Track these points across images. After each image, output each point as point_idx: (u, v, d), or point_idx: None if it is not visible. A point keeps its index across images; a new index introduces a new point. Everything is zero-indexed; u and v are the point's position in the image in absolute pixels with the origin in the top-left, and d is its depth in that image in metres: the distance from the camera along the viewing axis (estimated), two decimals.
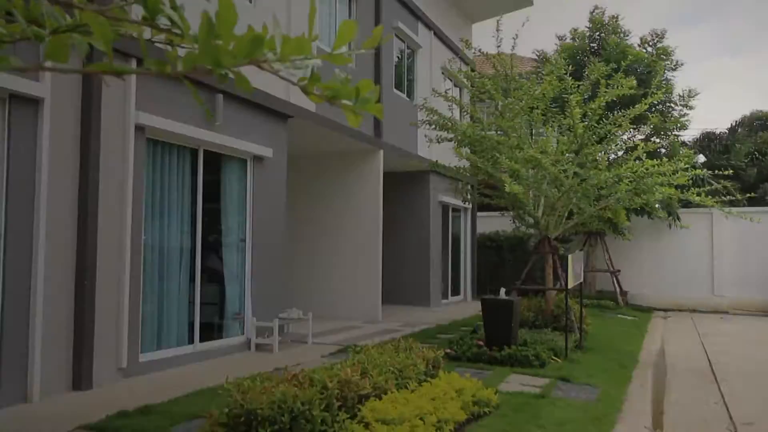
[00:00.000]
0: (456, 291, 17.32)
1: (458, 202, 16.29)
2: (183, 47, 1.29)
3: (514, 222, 12.03)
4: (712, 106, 53.52)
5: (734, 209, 10.27)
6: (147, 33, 1.31)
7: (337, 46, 0.97)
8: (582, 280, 10.04)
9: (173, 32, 1.27)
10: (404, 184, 15.36)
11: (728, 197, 10.93)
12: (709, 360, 9.39)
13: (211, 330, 8.31)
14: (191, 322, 7.85)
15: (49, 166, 5.84)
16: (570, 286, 8.71)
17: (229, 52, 0.89)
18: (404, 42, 14.32)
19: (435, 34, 15.70)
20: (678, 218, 16.69)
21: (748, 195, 14.90)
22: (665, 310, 16.95)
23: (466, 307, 15.83)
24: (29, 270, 5.68)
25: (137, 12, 1.31)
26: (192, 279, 7.88)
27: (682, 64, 17.35)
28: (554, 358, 8.15)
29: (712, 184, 15.68)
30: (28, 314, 5.65)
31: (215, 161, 8.34)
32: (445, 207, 16.41)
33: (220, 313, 8.56)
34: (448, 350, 8.10)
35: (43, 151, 5.75)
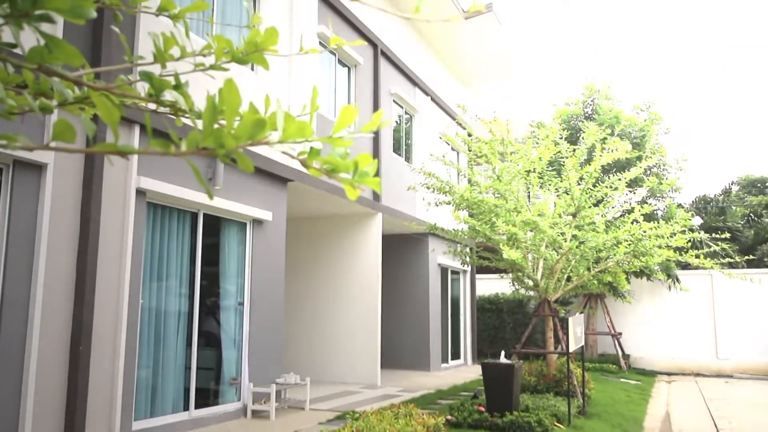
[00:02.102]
0: (456, 355, 17.07)
1: (457, 265, 16.27)
2: (186, 117, 1.32)
3: (513, 284, 11.99)
4: (704, 168, 54.24)
5: (734, 271, 10.26)
6: (151, 104, 1.35)
7: (336, 130, 1.00)
8: (583, 343, 9.93)
9: (177, 107, 1.31)
10: (403, 247, 15.38)
11: (727, 259, 10.93)
12: (716, 426, 9.18)
13: (207, 396, 8.15)
14: (187, 388, 7.70)
15: (49, 230, 5.86)
16: (571, 349, 8.61)
17: (232, 135, 0.92)
18: (402, 107, 14.62)
19: (432, 99, 16.04)
20: (678, 280, 16.64)
21: (747, 257, 14.92)
22: (669, 374, 16.68)
23: (466, 371, 15.57)
24: (24, 334, 5.61)
25: (143, 85, 1.35)
26: (189, 343, 7.78)
27: (672, 129, 17.70)
28: (557, 424, 7.97)
29: (710, 246, 15.71)
30: (21, 379, 5.55)
31: (215, 224, 8.38)
32: (444, 269, 16.37)
33: (216, 378, 8.41)
34: (449, 416, 7.93)
35: (44, 215, 5.79)
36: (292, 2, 10.01)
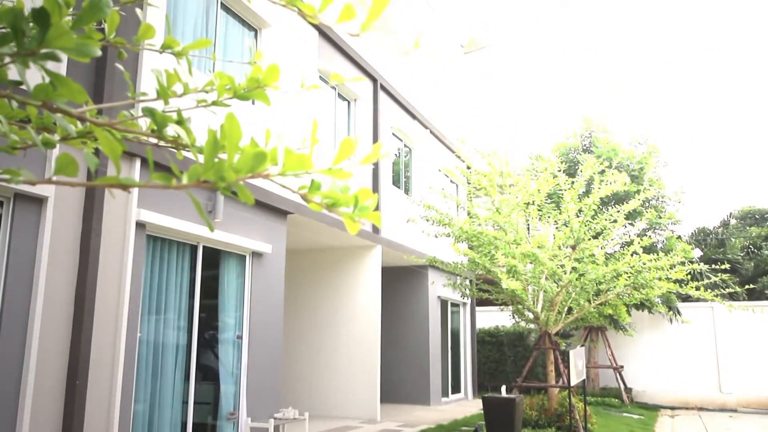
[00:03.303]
0: (456, 388, 16.89)
1: (457, 297, 16.21)
2: (187, 151, 1.34)
3: (513, 317, 11.94)
4: (702, 200, 54.43)
5: (735, 303, 10.22)
6: (153, 138, 1.36)
7: (336, 162, 1.02)
8: (585, 376, 9.84)
9: (179, 142, 1.32)
10: (403, 279, 15.33)
11: (727, 290, 10.90)
12: None
13: (204, 431, 8.04)
14: (184, 422, 7.60)
15: (48, 263, 5.85)
16: (573, 383, 8.52)
17: (232, 168, 0.93)
18: (402, 140, 14.73)
19: (431, 132, 16.18)
20: (679, 312, 16.56)
21: (747, 287, 14.87)
22: (672, 408, 16.48)
23: (467, 405, 15.38)
24: (21, 367, 5.56)
25: (145, 120, 1.37)
26: (186, 377, 7.71)
27: (670, 162, 17.84)
28: None
29: (710, 278, 15.68)
30: (17, 413, 5.49)
31: (214, 257, 8.37)
32: (443, 302, 16.30)
33: (213, 413, 8.31)
34: None
35: (43, 248, 5.79)
36: (293, 37, 10.16)
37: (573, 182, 10.33)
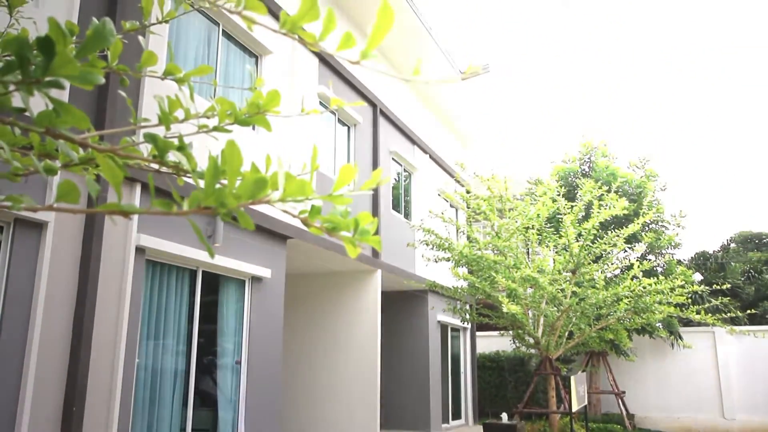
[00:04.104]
0: (457, 414, 16.72)
1: (457, 322, 16.12)
2: (188, 177, 1.35)
3: (514, 342, 11.87)
4: (702, 224, 54.51)
5: (737, 327, 10.19)
6: (154, 164, 1.37)
7: (336, 188, 1.02)
8: (586, 402, 9.75)
9: (180, 167, 1.33)
10: (402, 304, 15.27)
11: (729, 315, 10.86)
12: None
13: None
14: None
15: (47, 289, 5.84)
16: (574, 409, 8.45)
17: (233, 194, 0.94)
18: (401, 165, 14.79)
19: (431, 157, 16.25)
20: (680, 337, 16.47)
21: (749, 312, 14.82)
22: None
23: (467, 431, 15.21)
24: (17, 394, 5.52)
25: (146, 145, 1.38)
26: (185, 403, 7.63)
27: (669, 186, 17.86)
28: None
29: (711, 302, 15.62)
30: None
31: (213, 282, 8.35)
32: (444, 327, 16.22)
33: None
34: None
35: (42, 274, 5.78)
36: (294, 63, 10.26)
37: (572, 206, 10.35)
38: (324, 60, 11.25)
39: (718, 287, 11.33)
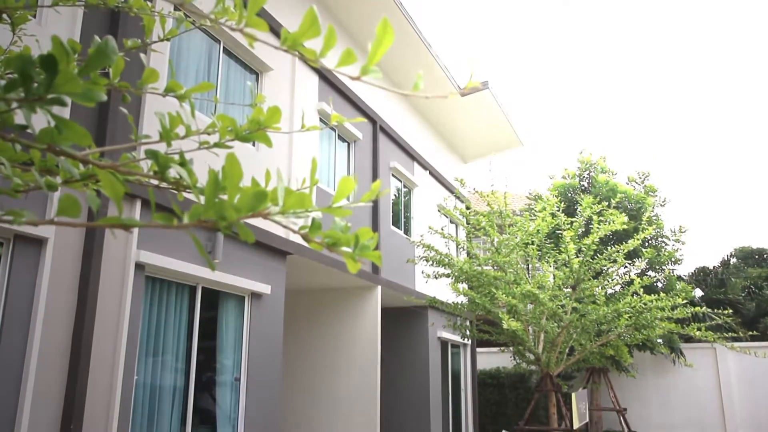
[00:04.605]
0: (457, 431, 16.60)
1: (457, 338, 16.06)
2: (189, 192, 1.35)
3: (514, 358, 11.82)
4: (702, 239, 54.51)
5: (738, 344, 10.15)
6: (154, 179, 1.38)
7: (336, 200, 1.03)
8: (587, 419, 9.69)
9: (180, 183, 1.34)
10: (402, 320, 15.22)
11: (730, 333, 10.83)
12: None
13: None
14: None
15: (47, 305, 5.83)
16: (575, 426, 8.40)
17: (233, 207, 0.95)
18: (401, 181, 14.82)
19: (430, 173, 16.28)
20: (681, 354, 16.40)
21: (750, 331, 14.77)
22: None
23: None
24: (14, 411, 5.48)
25: (146, 161, 1.39)
26: (183, 421, 7.58)
27: (669, 201, 17.89)
28: None
29: (713, 319, 15.58)
30: None
31: (213, 298, 8.33)
32: (444, 343, 16.15)
33: None
34: None
35: (41, 289, 5.77)
36: (294, 80, 10.32)
37: (572, 222, 10.36)
38: (324, 76, 11.32)
39: (721, 310, 11.29)
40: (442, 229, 12.49)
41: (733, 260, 23.66)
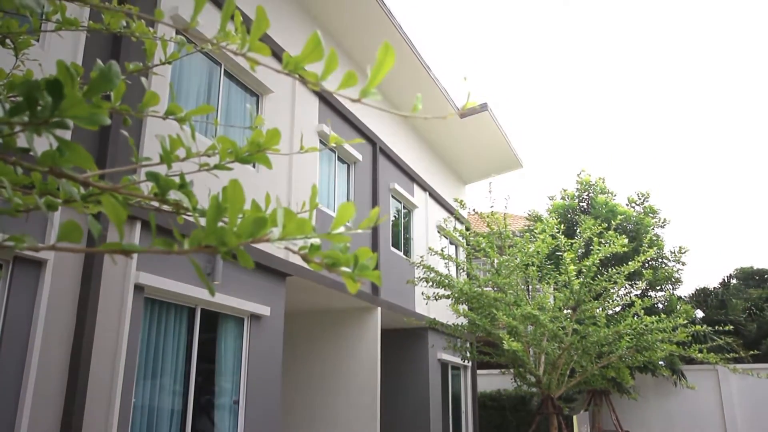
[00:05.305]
0: None
1: (458, 360, 15.96)
2: (188, 214, 1.35)
3: (515, 380, 11.74)
4: (702, 259, 54.44)
5: (739, 366, 10.09)
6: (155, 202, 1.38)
7: (335, 227, 1.03)
8: None
9: (181, 206, 1.34)
10: (402, 342, 15.13)
11: (732, 354, 10.77)
12: None
13: None
14: None
15: (45, 327, 5.80)
16: None
17: (234, 233, 0.95)
18: (400, 202, 14.83)
19: (430, 194, 16.31)
20: (683, 376, 16.29)
21: (752, 352, 14.68)
22: None
23: None
24: None
25: (146, 183, 1.39)
26: None
27: (668, 222, 17.89)
28: None
29: (714, 340, 15.49)
30: None
31: (212, 320, 8.29)
32: (444, 365, 16.04)
33: None
34: None
35: (40, 312, 5.74)
36: (294, 102, 10.38)
37: (572, 243, 10.35)
38: (324, 98, 11.38)
39: (721, 328, 11.23)
40: (442, 250, 12.48)
41: (734, 281, 23.58)
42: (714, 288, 22.73)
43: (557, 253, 10.74)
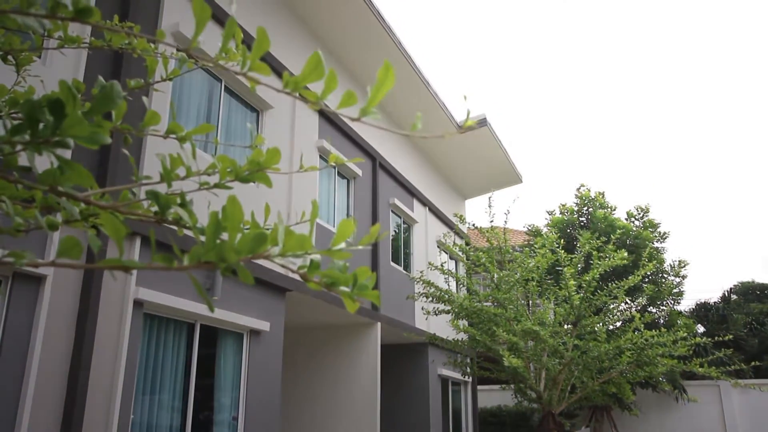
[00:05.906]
0: None
1: (458, 376, 15.88)
2: (188, 230, 1.36)
3: (516, 396, 11.67)
4: (703, 274, 54.39)
5: (741, 381, 10.04)
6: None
7: (335, 243, 1.03)
8: None
9: (180, 223, 1.34)
10: (402, 357, 15.07)
11: (733, 368, 10.72)
12: None
13: None
14: None
15: (44, 343, 5.77)
16: None
17: (233, 249, 0.95)
18: (400, 217, 14.84)
19: (430, 209, 16.32)
20: (684, 391, 16.20)
21: (753, 363, 14.62)
22: None
23: None
24: None
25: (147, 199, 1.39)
26: None
27: (668, 235, 17.88)
28: None
29: (714, 354, 15.43)
30: None
31: (211, 335, 8.26)
32: (444, 380, 15.96)
33: None
34: None
35: (39, 328, 5.73)
36: (294, 118, 10.42)
37: (572, 258, 10.34)
38: (324, 115, 11.43)
39: (721, 339, 11.19)
40: (441, 266, 12.46)
41: (734, 296, 23.53)
42: (714, 303, 22.67)
43: (557, 268, 10.72)
